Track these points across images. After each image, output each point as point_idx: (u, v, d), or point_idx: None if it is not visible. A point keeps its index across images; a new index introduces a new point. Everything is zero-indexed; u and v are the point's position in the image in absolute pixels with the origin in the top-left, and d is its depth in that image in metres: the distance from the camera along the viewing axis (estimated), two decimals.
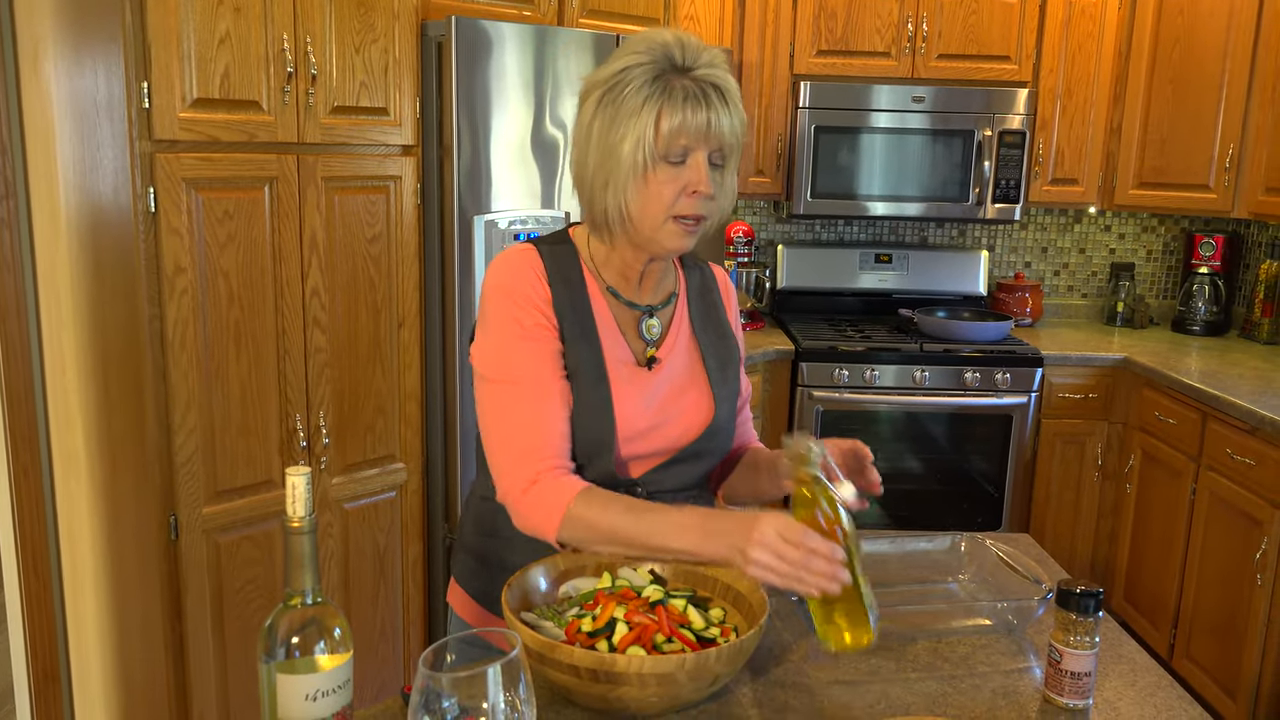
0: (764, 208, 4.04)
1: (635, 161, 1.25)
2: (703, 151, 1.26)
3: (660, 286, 1.44)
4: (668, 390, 1.39)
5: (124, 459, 2.24)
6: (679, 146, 1.25)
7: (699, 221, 1.30)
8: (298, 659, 0.93)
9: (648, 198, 1.27)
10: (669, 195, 1.27)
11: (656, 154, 1.25)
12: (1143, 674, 1.30)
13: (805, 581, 1.14)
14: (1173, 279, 4.09)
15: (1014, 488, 3.50)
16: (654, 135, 1.24)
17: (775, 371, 3.44)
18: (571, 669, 1.09)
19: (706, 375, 1.42)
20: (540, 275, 1.34)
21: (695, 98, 1.24)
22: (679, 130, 1.24)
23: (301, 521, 0.92)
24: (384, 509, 2.52)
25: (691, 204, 1.27)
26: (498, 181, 2.53)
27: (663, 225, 1.29)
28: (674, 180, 1.26)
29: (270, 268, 2.22)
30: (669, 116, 1.24)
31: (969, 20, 3.56)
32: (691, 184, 1.27)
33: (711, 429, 1.39)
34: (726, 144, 1.27)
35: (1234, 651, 2.81)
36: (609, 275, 1.40)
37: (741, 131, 1.29)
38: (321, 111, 2.24)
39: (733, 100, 1.27)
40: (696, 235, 1.32)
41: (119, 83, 1.99)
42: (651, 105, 1.24)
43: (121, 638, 2.40)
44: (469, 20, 2.40)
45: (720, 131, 1.26)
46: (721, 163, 1.29)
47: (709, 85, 1.25)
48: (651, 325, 1.41)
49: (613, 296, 1.39)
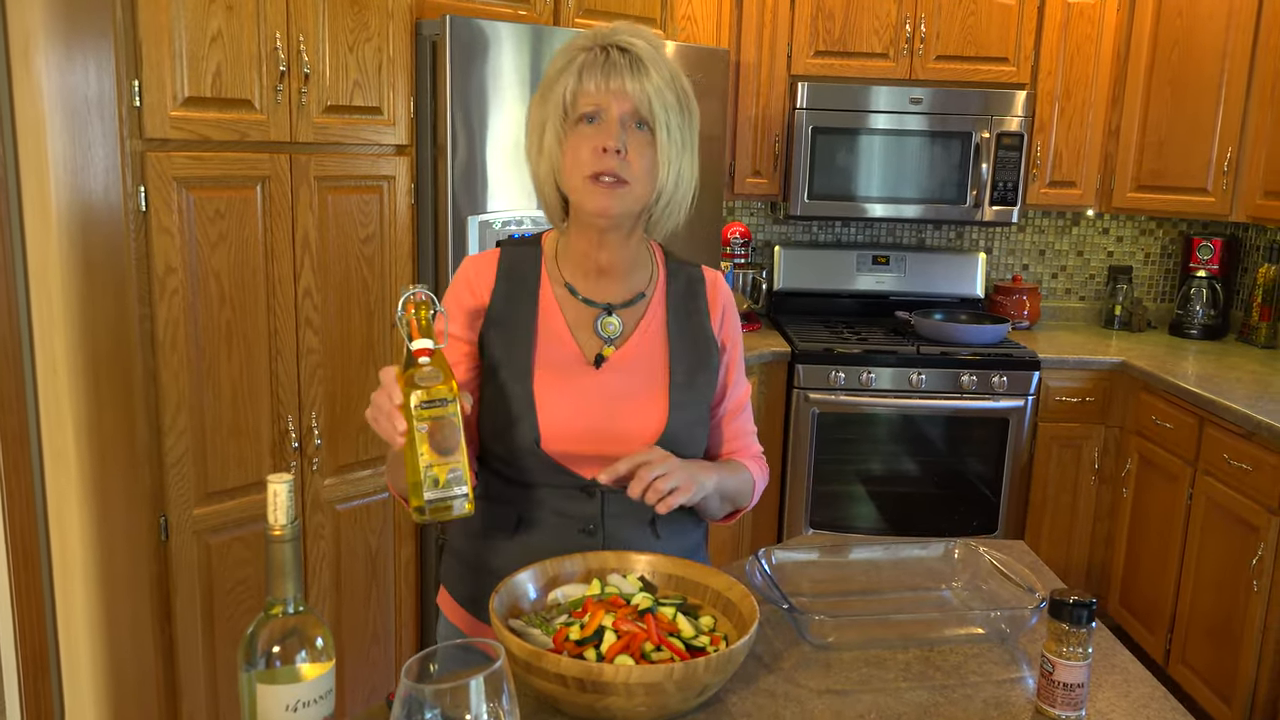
0: (761, 209, 4.03)
1: (556, 129, 1.32)
2: (614, 111, 1.30)
3: (626, 284, 1.43)
4: (618, 394, 1.38)
5: (114, 459, 2.22)
6: (589, 108, 1.30)
7: (618, 182, 1.31)
8: (279, 668, 0.92)
9: (567, 162, 1.33)
10: (585, 154, 1.31)
11: (570, 118, 1.31)
12: (1136, 685, 1.29)
13: (380, 428, 1.18)
14: (1171, 282, 4.08)
15: (1010, 491, 3.49)
16: (564, 100, 1.31)
17: (771, 373, 3.43)
18: (558, 678, 1.08)
19: (668, 380, 1.41)
20: (481, 276, 1.41)
21: (596, 63, 1.30)
22: (585, 91, 1.30)
23: (283, 530, 0.91)
24: (376, 510, 2.51)
25: (602, 160, 1.30)
26: (492, 182, 2.51)
27: (581, 187, 1.32)
28: (587, 140, 1.31)
29: (262, 268, 2.20)
30: (576, 80, 1.30)
31: (967, 22, 3.55)
32: (600, 139, 1.30)
33: (665, 439, 1.37)
34: (640, 105, 1.30)
35: (1230, 657, 2.80)
36: (568, 271, 1.43)
37: (672, 99, 1.32)
38: (314, 111, 2.23)
39: (641, 64, 1.30)
40: (619, 199, 1.32)
41: (110, 80, 1.97)
42: (565, 76, 1.31)
43: (112, 637, 2.39)
44: (464, 19, 2.39)
45: (626, 91, 1.29)
46: (647, 125, 1.31)
47: (615, 49, 1.31)
48: (609, 323, 1.41)
49: (569, 293, 1.41)
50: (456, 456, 1.17)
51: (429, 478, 1.16)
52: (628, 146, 1.30)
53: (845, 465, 3.50)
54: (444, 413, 1.16)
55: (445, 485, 1.17)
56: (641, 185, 1.32)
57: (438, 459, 1.16)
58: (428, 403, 1.15)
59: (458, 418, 1.17)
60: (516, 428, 1.36)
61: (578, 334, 1.40)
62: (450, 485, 1.17)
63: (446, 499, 1.17)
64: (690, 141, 1.36)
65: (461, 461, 1.17)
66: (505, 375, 1.37)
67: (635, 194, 1.32)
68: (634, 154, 1.30)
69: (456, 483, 1.17)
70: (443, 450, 1.16)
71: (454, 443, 1.16)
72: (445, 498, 1.17)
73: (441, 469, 1.16)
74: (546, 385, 1.37)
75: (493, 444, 1.38)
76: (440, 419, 1.15)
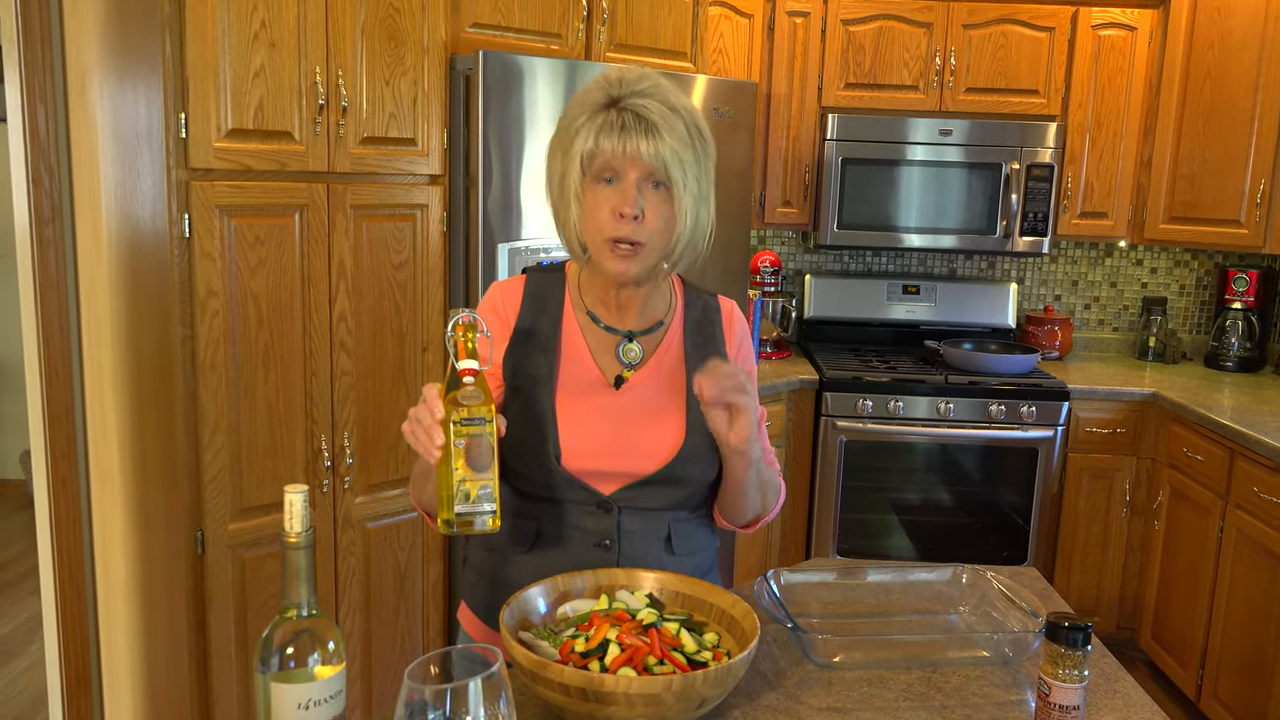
0: (792, 238, 4.07)
1: (574, 184, 1.35)
2: (631, 175, 1.33)
3: (645, 313, 1.48)
4: (637, 413, 1.43)
5: (155, 475, 2.31)
6: (605, 171, 1.34)
7: (635, 247, 1.34)
8: (292, 669, 0.97)
9: (588, 222, 1.36)
10: (602, 217, 1.34)
11: (586, 178, 1.35)
12: (1137, 710, 1.30)
13: (417, 440, 1.21)
14: (1206, 314, 4.05)
15: (1040, 522, 3.48)
16: (581, 161, 1.34)
17: (799, 401, 3.45)
18: (562, 688, 1.12)
19: (685, 403, 1.45)
20: (507, 301, 1.47)
21: (613, 127, 1.33)
22: (601, 152, 1.33)
23: (298, 537, 0.96)
24: (405, 529, 2.57)
25: (619, 226, 1.33)
26: (523, 210, 2.58)
27: (602, 249, 1.36)
28: (606, 200, 1.34)
29: (299, 292, 2.29)
30: (593, 142, 1.33)
31: (997, 54, 3.58)
32: (616, 205, 1.33)
33: (681, 456, 1.42)
34: (657, 169, 1.33)
35: (1262, 693, 2.76)
36: (590, 300, 1.48)
37: (689, 156, 1.34)
38: (351, 142, 2.32)
39: (659, 128, 1.32)
40: (637, 262, 1.36)
41: (159, 112, 2.07)
42: (582, 136, 1.34)
43: (150, 648, 2.46)
44: (497, 54, 2.47)
45: (639, 153, 1.32)
46: (664, 186, 1.35)
47: (630, 114, 1.33)
48: (630, 349, 1.46)
49: (591, 321, 1.47)
50: (489, 474, 1.22)
51: (461, 492, 1.21)
52: (644, 209, 1.34)
53: (873, 493, 3.50)
54: (481, 431, 1.21)
55: (476, 500, 1.22)
56: (658, 241, 1.36)
57: (471, 475, 1.21)
58: (468, 420, 1.21)
59: (494, 438, 1.22)
60: (538, 444, 1.41)
61: (599, 358, 1.46)
62: (480, 501, 1.22)
63: (475, 513, 1.23)
64: (707, 187, 1.40)
65: (493, 480, 1.23)
66: (528, 394, 1.42)
67: (652, 250, 1.37)
68: (651, 213, 1.34)
69: (486, 499, 1.22)
70: (477, 467, 1.22)
71: (488, 461, 1.22)
72: (474, 512, 1.22)
73: (474, 484, 1.22)
74: (568, 404, 1.42)
75: (513, 460, 1.43)
76: (478, 437, 1.21)
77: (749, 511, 1.48)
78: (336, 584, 2.46)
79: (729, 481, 1.44)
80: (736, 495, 1.45)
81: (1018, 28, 3.57)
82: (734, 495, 1.45)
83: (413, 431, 1.22)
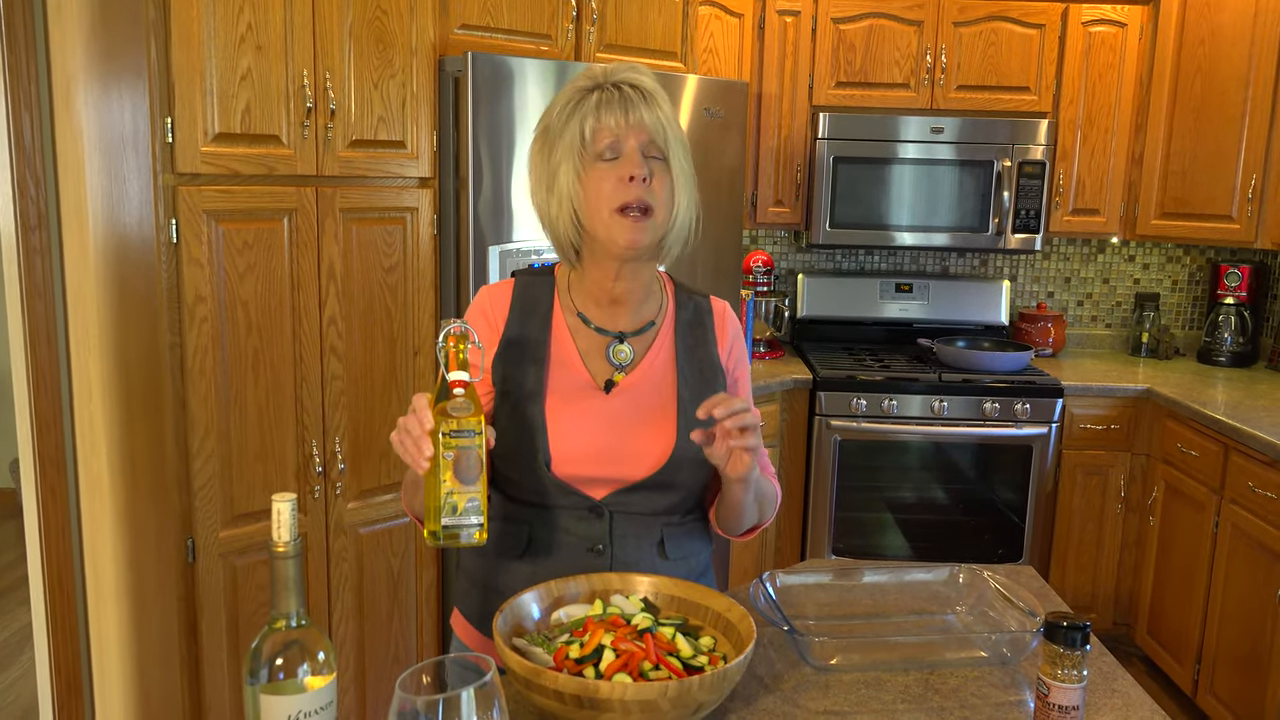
0: (784, 237, 4.06)
1: (573, 168, 1.35)
2: (633, 142, 1.34)
3: (637, 313, 1.47)
4: (628, 418, 1.42)
5: (145, 482, 2.29)
6: (606, 143, 1.34)
7: (646, 213, 1.35)
8: (282, 680, 0.95)
9: (590, 198, 1.35)
10: (608, 189, 1.34)
11: (588, 155, 1.35)
12: (1136, 709, 1.29)
13: (405, 451, 1.20)
14: (1199, 309, 4.05)
15: (1035, 519, 3.47)
16: (581, 139, 1.35)
17: (793, 400, 3.44)
18: (556, 694, 1.10)
19: (677, 407, 1.44)
20: (496, 305, 1.46)
21: (611, 99, 1.35)
22: (601, 128, 1.34)
23: (286, 546, 0.95)
24: (398, 534, 2.55)
25: (629, 191, 1.33)
26: (513, 213, 2.57)
27: (609, 221, 1.35)
28: (610, 174, 1.34)
29: (288, 297, 2.27)
30: (591, 119, 1.34)
31: (988, 51, 3.57)
32: (625, 170, 1.34)
33: (673, 461, 1.40)
34: (656, 135, 1.35)
35: (1258, 688, 2.76)
36: (580, 301, 1.47)
37: (676, 132, 1.37)
38: (340, 145, 2.30)
39: (652, 98, 1.36)
40: (648, 230, 1.36)
41: (144, 117, 2.06)
42: (576, 117, 1.35)
43: (141, 657, 2.44)
44: (486, 56, 2.46)
45: (642, 121, 1.34)
46: (660, 156, 1.36)
47: (623, 85, 1.36)
48: (620, 350, 1.45)
49: (582, 322, 1.46)
50: (476, 487, 1.21)
51: (448, 504, 1.20)
52: (650, 174, 1.35)
53: (867, 492, 3.50)
54: (470, 444, 1.20)
55: (462, 513, 1.21)
56: (663, 212, 1.37)
57: (459, 487, 1.20)
58: (456, 432, 1.20)
59: (482, 450, 1.21)
60: (528, 450, 1.39)
61: (589, 361, 1.44)
62: (467, 514, 1.21)
63: (462, 526, 1.22)
64: (692, 172, 1.42)
65: (480, 492, 1.22)
66: (517, 399, 1.41)
67: (659, 222, 1.37)
68: (655, 181, 1.36)
69: (473, 512, 1.21)
70: (465, 479, 1.21)
71: (476, 474, 1.21)
72: (461, 525, 1.21)
73: (461, 497, 1.21)
74: (558, 409, 1.41)
75: (504, 466, 1.42)
76: (466, 449, 1.20)
77: (746, 524, 1.48)
78: (329, 590, 2.45)
79: (726, 501, 1.44)
80: (734, 512, 1.44)
81: (1008, 25, 3.57)
82: (731, 512, 1.45)
83: (401, 442, 1.21)
